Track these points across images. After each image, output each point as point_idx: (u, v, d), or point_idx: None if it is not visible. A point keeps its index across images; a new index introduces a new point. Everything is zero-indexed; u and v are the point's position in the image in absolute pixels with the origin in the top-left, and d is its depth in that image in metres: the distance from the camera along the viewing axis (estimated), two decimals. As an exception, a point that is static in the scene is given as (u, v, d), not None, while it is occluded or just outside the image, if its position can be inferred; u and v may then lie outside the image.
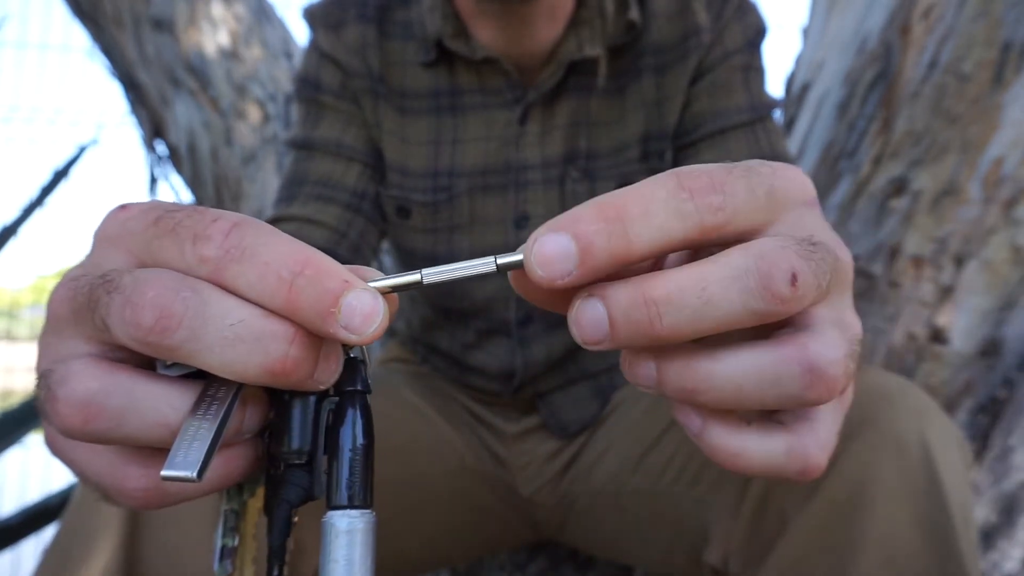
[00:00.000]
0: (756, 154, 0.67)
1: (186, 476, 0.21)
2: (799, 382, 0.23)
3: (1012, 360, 0.89)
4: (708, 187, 0.23)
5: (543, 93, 0.69)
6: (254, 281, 0.22)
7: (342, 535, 0.22)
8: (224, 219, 0.23)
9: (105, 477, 0.24)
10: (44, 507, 1.08)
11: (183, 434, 0.22)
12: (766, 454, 0.25)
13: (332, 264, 0.22)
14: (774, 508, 0.53)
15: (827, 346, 0.23)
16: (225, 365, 0.22)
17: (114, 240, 0.25)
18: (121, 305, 0.22)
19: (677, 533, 0.66)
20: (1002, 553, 0.85)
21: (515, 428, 0.77)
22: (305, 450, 0.24)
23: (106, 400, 0.22)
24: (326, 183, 0.71)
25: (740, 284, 0.22)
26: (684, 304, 0.22)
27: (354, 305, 0.22)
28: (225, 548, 0.25)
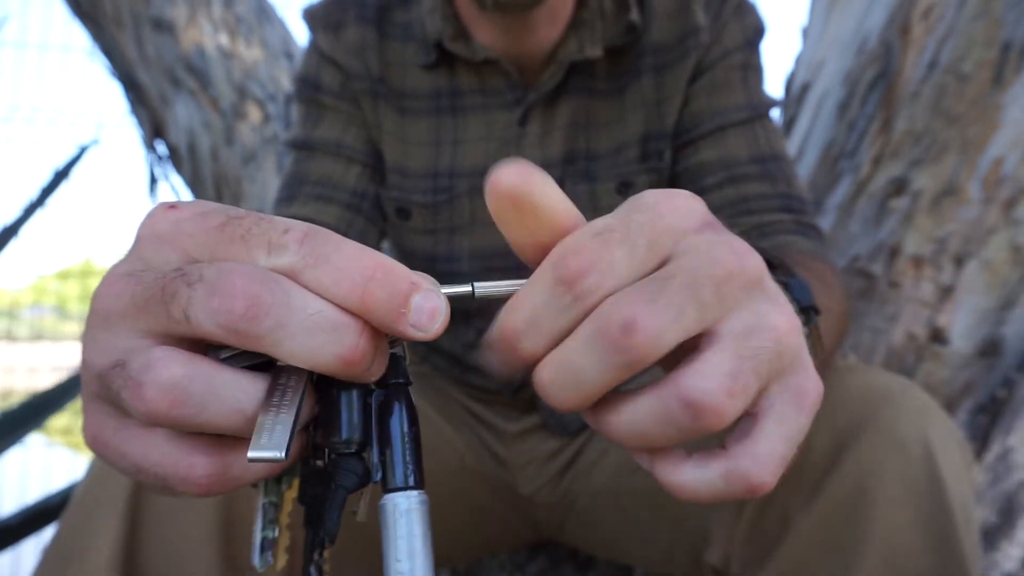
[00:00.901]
0: (754, 152, 0.67)
1: (275, 456, 0.22)
2: (685, 417, 0.24)
3: (1012, 360, 0.89)
4: (581, 272, 0.24)
5: (543, 94, 0.69)
6: (330, 285, 0.23)
7: (403, 514, 0.24)
8: (295, 228, 0.24)
9: (167, 467, 0.25)
10: (44, 507, 1.08)
11: (263, 419, 0.23)
12: (707, 483, 0.26)
13: (401, 268, 0.24)
14: (776, 508, 0.53)
15: (701, 376, 0.24)
16: (303, 353, 0.23)
17: (167, 239, 0.25)
18: (208, 295, 0.23)
19: (677, 533, 0.66)
20: (1002, 553, 0.85)
21: (515, 427, 0.77)
22: (354, 440, 0.25)
23: (190, 386, 0.23)
24: (326, 183, 0.71)
25: (593, 348, 0.24)
26: (562, 382, 0.25)
27: (422, 305, 0.24)
28: (266, 540, 0.26)
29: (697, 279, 0.24)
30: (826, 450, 0.51)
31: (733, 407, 0.24)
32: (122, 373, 0.24)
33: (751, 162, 0.67)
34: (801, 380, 0.26)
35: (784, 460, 0.26)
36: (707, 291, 0.24)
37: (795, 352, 0.26)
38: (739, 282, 0.25)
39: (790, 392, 0.26)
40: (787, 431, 0.26)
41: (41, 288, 9.18)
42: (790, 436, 0.26)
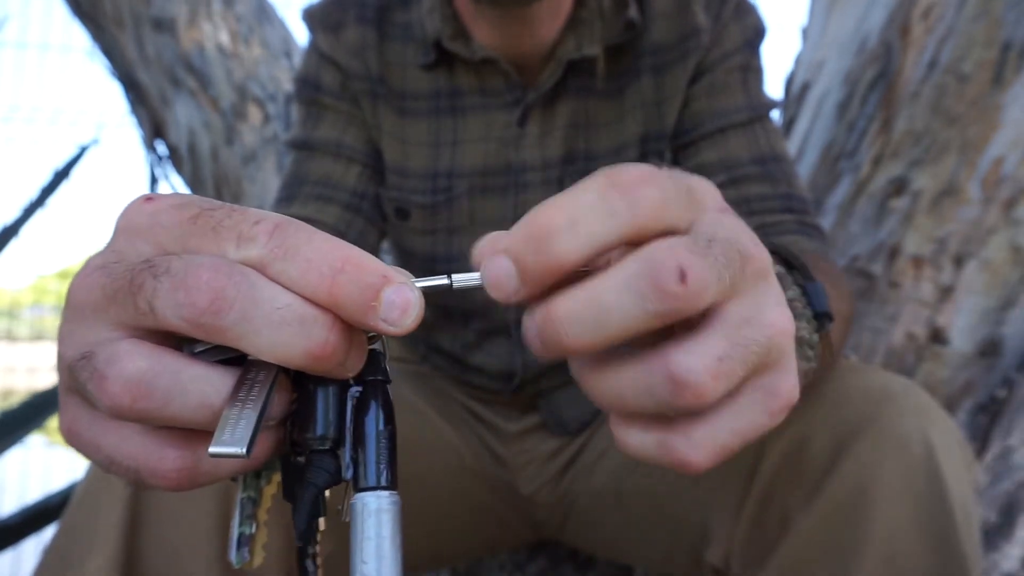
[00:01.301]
0: (755, 153, 0.67)
1: (235, 452, 0.22)
2: (666, 390, 0.24)
3: (1012, 360, 0.89)
4: (639, 180, 0.23)
5: (542, 94, 0.69)
6: (297, 278, 0.23)
7: (373, 515, 0.24)
8: (266, 220, 0.24)
9: (139, 460, 0.25)
10: (44, 507, 1.08)
11: (227, 414, 0.23)
12: (644, 447, 0.26)
13: (372, 260, 0.24)
14: (776, 508, 0.53)
15: (691, 354, 0.23)
16: (271, 347, 0.23)
17: (142, 231, 0.25)
18: (173, 288, 0.22)
19: (678, 533, 0.66)
20: (1001, 553, 0.85)
21: (515, 427, 0.77)
22: (329, 436, 0.25)
23: (155, 379, 0.23)
24: (326, 183, 0.71)
25: (633, 289, 0.23)
26: (584, 318, 0.23)
27: (393, 299, 0.23)
28: (243, 536, 0.26)
29: (731, 250, 0.24)
30: (826, 449, 0.51)
31: (715, 390, 0.24)
32: (88, 365, 0.23)
33: (752, 163, 0.67)
34: (777, 382, 0.26)
35: (725, 450, 0.26)
36: (736, 263, 0.24)
37: (781, 352, 0.26)
38: (754, 267, 0.25)
39: (762, 391, 0.26)
40: (740, 426, 0.25)
41: (41, 288, 9.17)
42: (741, 431, 0.25)
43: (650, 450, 0.26)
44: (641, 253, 0.23)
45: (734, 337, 0.24)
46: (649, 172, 0.24)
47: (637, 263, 0.23)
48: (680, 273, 0.22)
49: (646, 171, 0.24)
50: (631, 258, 0.23)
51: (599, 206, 0.23)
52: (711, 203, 0.26)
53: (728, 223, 0.25)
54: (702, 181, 0.26)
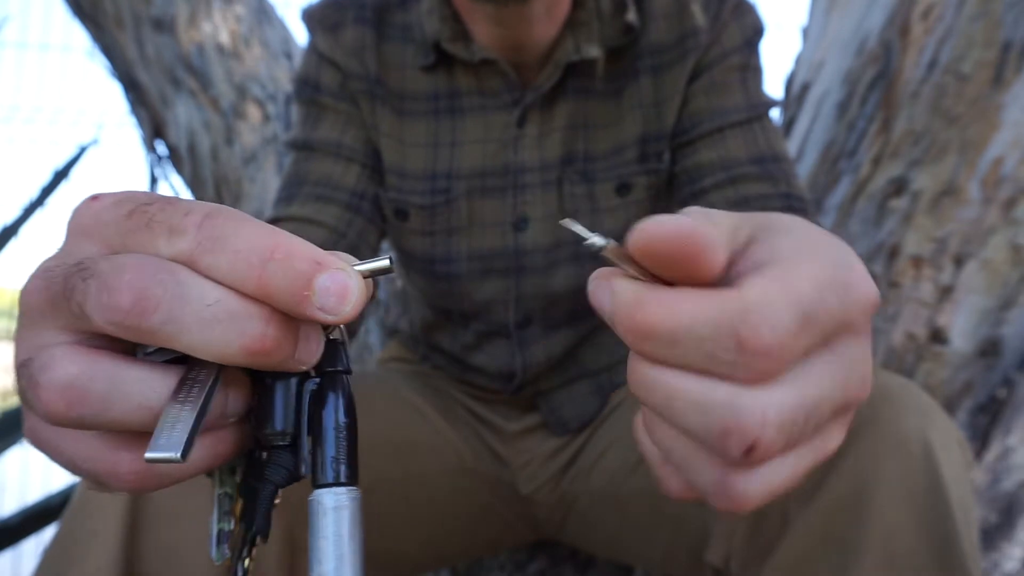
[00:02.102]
0: (754, 152, 0.67)
1: (170, 457, 0.21)
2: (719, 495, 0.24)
3: (1012, 360, 0.89)
4: (762, 352, 0.22)
5: (541, 95, 0.69)
6: (226, 269, 0.22)
7: (330, 512, 0.23)
8: (196, 211, 0.23)
9: (96, 463, 0.24)
10: (44, 507, 1.08)
11: (165, 416, 0.22)
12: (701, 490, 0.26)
13: (304, 247, 0.22)
14: (775, 508, 0.53)
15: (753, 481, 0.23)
16: (204, 346, 0.22)
17: (87, 231, 0.24)
18: (98, 290, 0.22)
19: (677, 532, 0.66)
20: (1002, 553, 0.85)
21: (515, 426, 0.77)
22: (288, 431, 0.24)
23: (89, 384, 0.22)
24: (326, 183, 0.71)
25: (702, 418, 0.22)
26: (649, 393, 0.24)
27: (328, 286, 0.22)
28: (222, 532, 0.25)
29: (825, 410, 0.23)
30: (826, 450, 0.51)
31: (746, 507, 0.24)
32: (25, 372, 0.23)
33: (750, 162, 0.67)
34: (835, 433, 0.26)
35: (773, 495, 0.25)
36: (825, 415, 0.23)
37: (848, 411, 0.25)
38: (848, 411, 0.25)
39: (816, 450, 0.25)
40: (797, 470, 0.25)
41: (41, 288, 9.14)
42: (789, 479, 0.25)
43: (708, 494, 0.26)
44: (731, 396, 0.22)
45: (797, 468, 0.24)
46: (789, 339, 0.21)
47: (720, 401, 0.22)
48: (750, 447, 0.22)
49: (786, 337, 0.21)
50: (719, 386, 0.22)
51: (707, 344, 0.22)
52: (857, 323, 0.24)
53: (853, 357, 0.24)
54: (864, 289, 0.23)
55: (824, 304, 0.22)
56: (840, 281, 0.23)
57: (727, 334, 0.21)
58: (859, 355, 0.24)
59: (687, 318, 0.22)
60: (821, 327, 0.22)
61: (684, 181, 0.69)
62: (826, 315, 0.22)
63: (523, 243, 0.70)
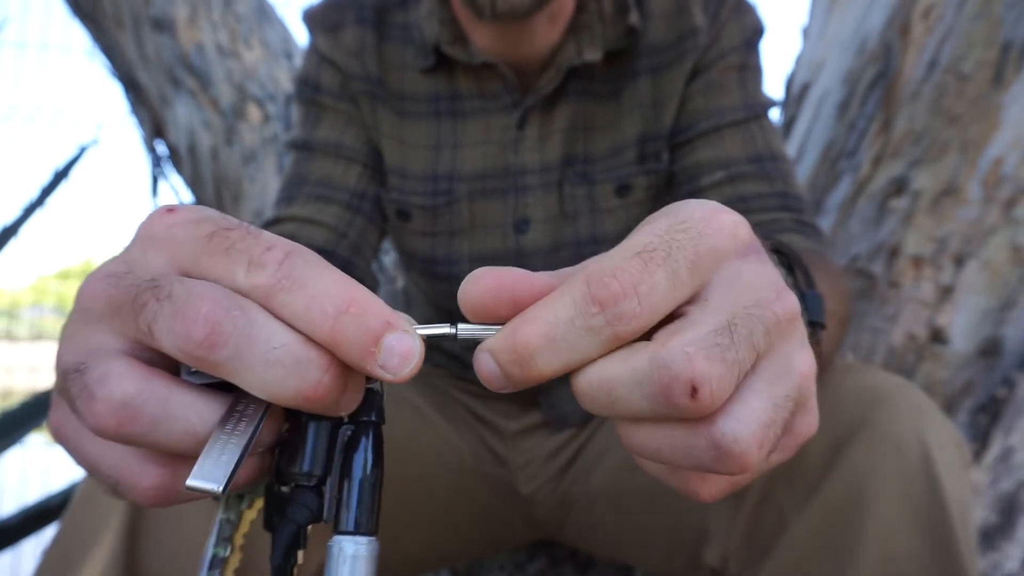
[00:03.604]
0: (751, 152, 0.67)
1: (211, 489, 0.22)
2: (708, 456, 0.23)
3: (1012, 360, 0.89)
4: (619, 294, 0.23)
5: (541, 98, 0.69)
6: (300, 312, 0.23)
7: (348, 560, 0.23)
8: (278, 247, 0.23)
9: (119, 473, 0.24)
10: (44, 507, 1.08)
11: (211, 446, 0.22)
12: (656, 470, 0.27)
13: (377, 304, 0.23)
14: (773, 508, 0.53)
15: (739, 423, 0.23)
16: (262, 386, 0.22)
17: (158, 243, 0.25)
18: (172, 315, 0.22)
19: (676, 533, 0.66)
20: (1002, 553, 0.85)
21: (515, 426, 0.77)
22: (316, 473, 0.24)
23: (142, 406, 0.23)
24: (326, 184, 0.71)
25: (642, 388, 0.23)
26: (597, 398, 0.24)
27: (394, 346, 0.23)
28: (216, 557, 0.25)
29: (754, 324, 0.23)
30: (823, 450, 0.51)
31: (760, 458, 0.23)
32: (79, 380, 0.23)
33: (748, 162, 0.67)
34: (799, 423, 0.26)
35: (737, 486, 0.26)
36: (761, 339, 0.24)
37: (807, 396, 0.25)
38: (781, 325, 0.24)
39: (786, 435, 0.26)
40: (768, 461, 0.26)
41: (41, 288, 9.16)
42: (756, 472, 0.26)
43: (662, 475, 0.26)
44: (656, 356, 0.22)
45: (776, 398, 0.24)
46: (633, 274, 0.23)
47: (650, 367, 0.22)
48: (692, 389, 0.22)
49: (629, 274, 0.23)
50: (644, 356, 0.23)
51: (578, 323, 0.23)
52: (730, 248, 0.25)
53: (748, 276, 0.24)
54: (718, 219, 0.25)
55: (669, 240, 0.24)
56: (680, 219, 0.24)
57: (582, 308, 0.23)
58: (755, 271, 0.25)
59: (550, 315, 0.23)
60: (681, 260, 0.23)
61: (682, 180, 0.69)
62: (678, 249, 0.24)
63: (524, 244, 0.70)
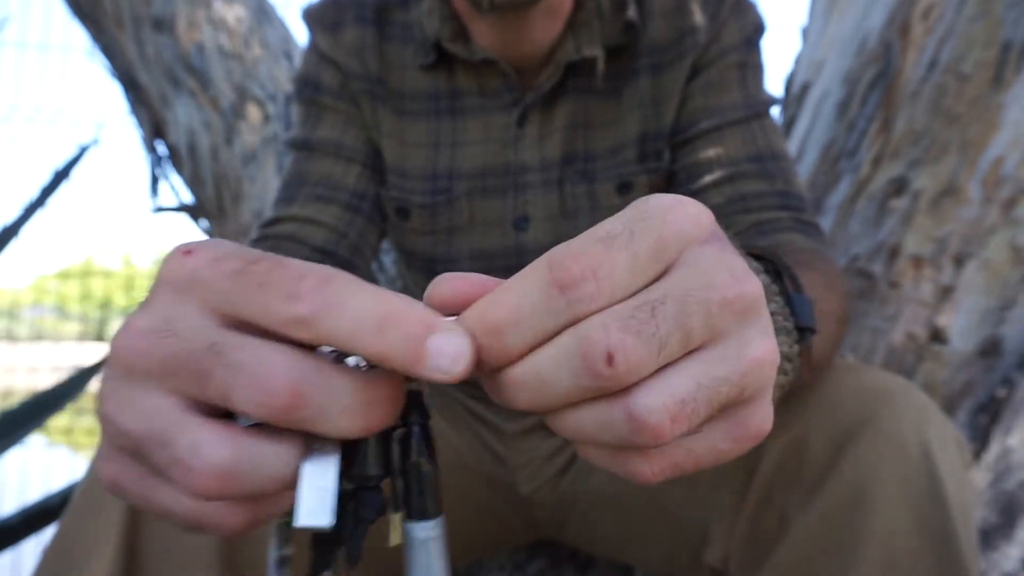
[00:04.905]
0: (752, 151, 0.67)
1: (322, 524, 0.24)
2: (625, 428, 0.24)
3: (1012, 360, 0.89)
4: (579, 278, 0.23)
5: (541, 95, 0.69)
6: (346, 335, 0.23)
7: (422, 544, 0.26)
8: (310, 276, 0.24)
9: (201, 518, 0.25)
10: (44, 507, 1.08)
11: (306, 484, 0.24)
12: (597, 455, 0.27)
13: (415, 310, 0.24)
14: (774, 509, 0.53)
15: (652, 394, 0.23)
16: (340, 430, 0.24)
17: (184, 290, 0.25)
18: (250, 387, 0.23)
19: (677, 533, 0.66)
20: (1001, 553, 0.85)
21: (515, 426, 0.77)
22: (376, 474, 0.26)
23: (237, 467, 0.23)
24: (326, 183, 0.71)
25: (566, 366, 0.24)
26: (529, 388, 0.24)
27: (441, 348, 0.24)
28: (283, 558, 0.27)
29: (689, 305, 0.24)
30: (824, 450, 0.51)
31: (672, 431, 0.24)
32: (168, 453, 0.24)
33: (749, 160, 0.67)
34: (748, 415, 0.26)
35: (679, 469, 0.26)
36: (697, 319, 0.24)
37: (759, 386, 0.25)
38: (733, 309, 0.24)
39: (731, 422, 0.26)
40: (700, 451, 0.26)
41: (41, 288, 9.16)
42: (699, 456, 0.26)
43: (604, 460, 0.27)
44: (576, 330, 0.24)
45: (702, 378, 0.24)
46: (594, 258, 0.24)
47: (571, 340, 0.23)
48: (608, 357, 0.23)
49: (591, 258, 0.24)
50: (567, 333, 0.24)
51: (540, 306, 0.24)
52: (692, 234, 0.25)
53: (706, 261, 0.25)
54: (682, 208, 0.25)
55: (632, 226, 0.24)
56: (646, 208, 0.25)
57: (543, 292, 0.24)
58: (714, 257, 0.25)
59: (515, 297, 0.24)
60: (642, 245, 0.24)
61: (683, 179, 0.69)
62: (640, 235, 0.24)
63: (524, 242, 0.70)
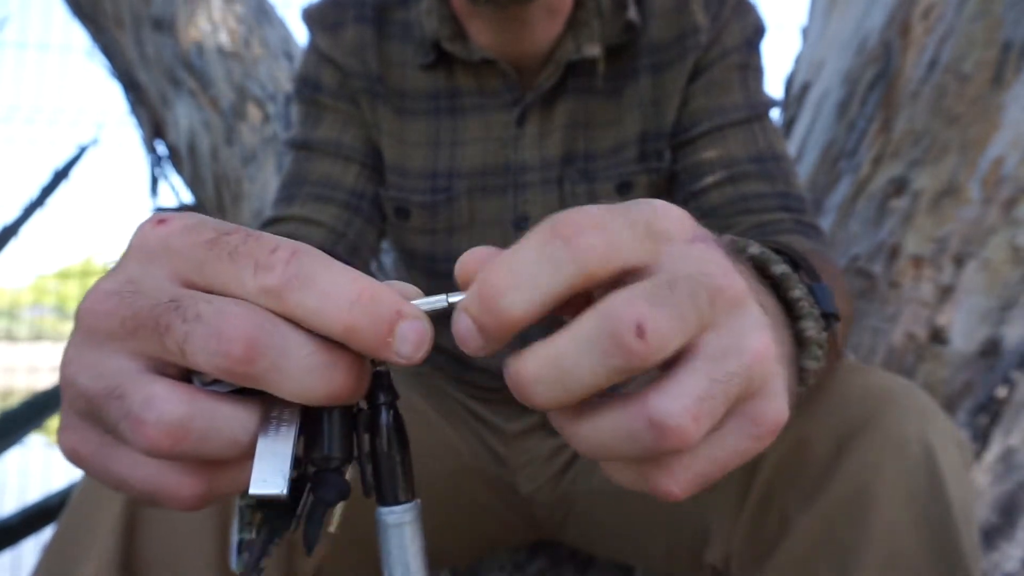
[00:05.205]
0: (753, 151, 0.67)
1: (276, 493, 0.23)
2: (648, 436, 0.23)
3: (1012, 360, 0.89)
4: (583, 228, 0.23)
5: (541, 95, 0.69)
6: (314, 309, 0.23)
7: (392, 528, 0.26)
8: (283, 248, 0.24)
9: (156, 486, 0.25)
10: (44, 507, 1.08)
11: (261, 452, 0.24)
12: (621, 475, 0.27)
13: (386, 292, 0.24)
14: (776, 508, 0.53)
15: (670, 397, 0.23)
16: (298, 391, 0.23)
17: (154, 256, 0.25)
18: (206, 336, 0.23)
19: (677, 532, 0.66)
20: (1002, 553, 0.85)
21: (515, 427, 0.77)
22: (337, 455, 0.26)
23: (191, 424, 0.23)
24: (325, 183, 0.71)
25: (593, 347, 0.22)
26: (549, 379, 0.23)
27: (407, 333, 0.24)
28: (243, 541, 0.27)
29: (696, 287, 0.24)
30: (826, 450, 0.51)
31: (698, 431, 0.23)
32: (121, 406, 0.23)
33: (750, 161, 0.67)
34: (762, 407, 0.25)
35: (706, 479, 0.25)
36: (704, 300, 0.24)
37: (764, 378, 0.25)
38: (727, 297, 0.24)
39: (745, 418, 0.25)
40: (722, 455, 0.25)
41: (41, 288, 9.16)
42: (723, 460, 0.25)
43: (629, 479, 0.26)
44: (599, 308, 0.23)
45: (713, 373, 0.24)
46: (596, 214, 0.24)
47: (594, 319, 0.23)
48: (639, 328, 0.22)
49: (592, 214, 0.24)
50: (589, 314, 0.23)
51: (541, 259, 0.23)
52: (678, 232, 0.25)
53: (696, 254, 0.25)
54: (668, 208, 0.26)
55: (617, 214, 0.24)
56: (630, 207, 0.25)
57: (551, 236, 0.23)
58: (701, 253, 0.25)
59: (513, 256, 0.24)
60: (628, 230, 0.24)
61: (684, 180, 0.69)
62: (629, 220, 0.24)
63: None
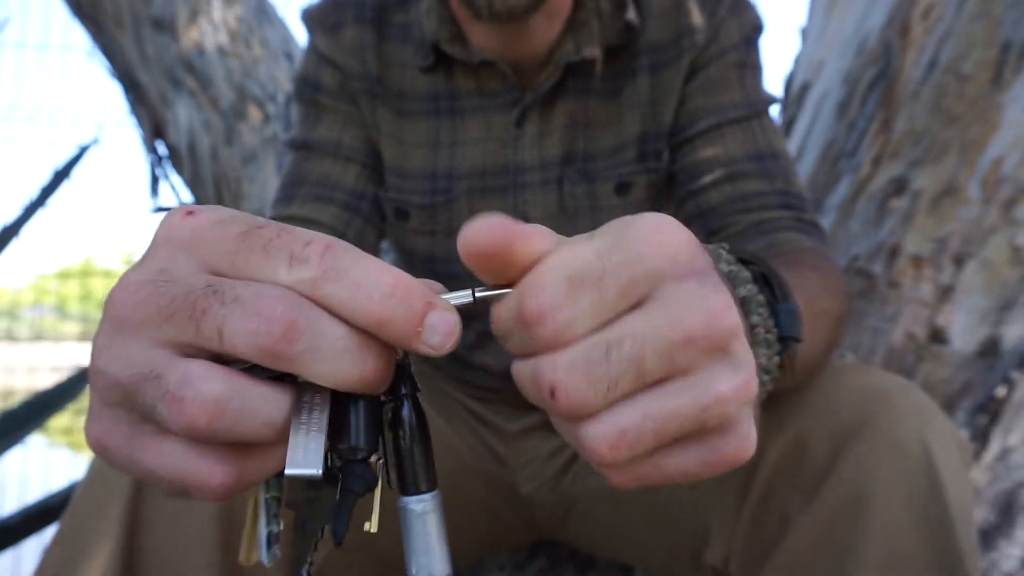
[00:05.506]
0: (752, 150, 0.67)
1: (312, 474, 0.24)
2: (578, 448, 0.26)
3: (1011, 360, 0.89)
4: (537, 318, 0.25)
5: (540, 95, 0.69)
6: (348, 300, 0.24)
7: (418, 517, 0.27)
8: (317, 241, 0.24)
9: (185, 476, 0.25)
10: (45, 507, 1.08)
11: (295, 435, 0.24)
12: None
13: (417, 285, 0.25)
14: (775, 509, 0.53)
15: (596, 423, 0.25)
16: (331, 374, 0.24)
17: (184, 246, 0.25)
18: (247, 316, 0.23)
19: (677, 533, 0.66)
20: (1001, 553, 0.85)
21: (516, 426, 0.77)
22: (364, 446, 0.26)
23: (229, 402, 0.24)
24: (325, 183, 0.71)
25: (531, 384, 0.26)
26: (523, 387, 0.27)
27: (437, 324, 0.25)
28: (272, 534, 0.27)
29: (647, 345, 0.24)
30: (825, 451, 0.51)
31: (614, 459, 0.25)
32: (158, 386, 0.24)
33: (749, 159, 0.67)
34: (720, 443, 0.26)
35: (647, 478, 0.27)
36: (653, 361, 0.24)
37: (726, 418, 0.25)
38: (699, 347, 0.25)
39: (701, 447, 0.26)
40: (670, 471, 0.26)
41: (41, 288, 9.16)
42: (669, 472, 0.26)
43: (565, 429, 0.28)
44: (536, 361, 0.25)
45: (651, 410, 0.24)
46: (560, 298, 0.24)
47: (532, 367, 0.26)
48: (551, 391, 0.24)
49: (556, 296, 0.24)
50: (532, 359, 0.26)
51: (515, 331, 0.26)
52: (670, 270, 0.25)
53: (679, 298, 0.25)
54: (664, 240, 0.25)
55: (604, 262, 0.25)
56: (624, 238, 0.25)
57: (514, 316, 0.26)
58: (689, 292, 0.25)
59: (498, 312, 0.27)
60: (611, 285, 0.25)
61: (683, 179, 0.69)
62: (611, 274, 0.25)
63: None
